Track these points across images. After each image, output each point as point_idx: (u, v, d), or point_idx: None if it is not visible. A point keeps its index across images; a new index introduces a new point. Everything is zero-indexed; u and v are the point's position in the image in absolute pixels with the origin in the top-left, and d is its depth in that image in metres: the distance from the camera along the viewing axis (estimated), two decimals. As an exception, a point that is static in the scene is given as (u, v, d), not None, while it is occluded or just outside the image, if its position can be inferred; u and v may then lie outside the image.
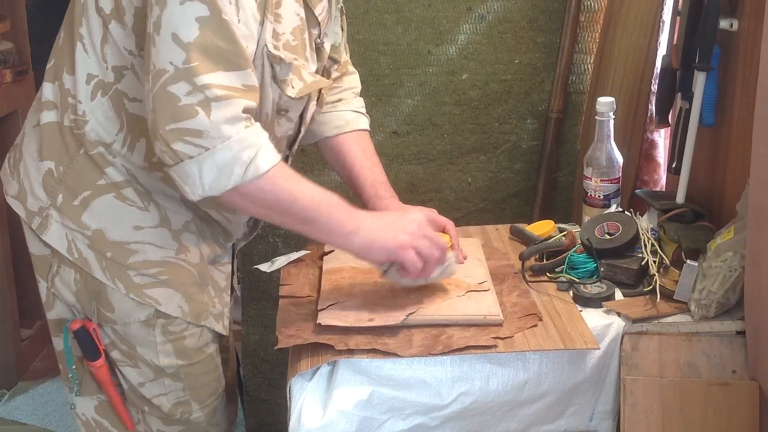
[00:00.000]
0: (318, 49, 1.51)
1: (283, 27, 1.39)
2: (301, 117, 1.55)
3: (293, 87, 1.43)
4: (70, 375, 1.51)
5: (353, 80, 1.75)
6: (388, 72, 2.08)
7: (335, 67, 1.63)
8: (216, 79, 1.26)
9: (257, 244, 2.17)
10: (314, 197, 1.37)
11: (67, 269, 1.45)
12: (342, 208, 1.41)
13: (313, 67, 1.50)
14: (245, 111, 1.29)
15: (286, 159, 1.60)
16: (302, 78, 1.44)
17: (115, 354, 1.48)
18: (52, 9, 1.48)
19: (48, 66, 1.46)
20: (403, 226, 1.44)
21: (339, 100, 1.70)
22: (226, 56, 1.27)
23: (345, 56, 1.70)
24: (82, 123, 1.41)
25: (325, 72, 1.58)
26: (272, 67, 1.39)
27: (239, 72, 1.28)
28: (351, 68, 1.75)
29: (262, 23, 1.34)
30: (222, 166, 1.27)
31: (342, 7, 1.64)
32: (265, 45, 1.36)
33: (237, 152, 1.28)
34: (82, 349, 1.47)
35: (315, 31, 1.49)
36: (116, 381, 1.52)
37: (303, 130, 1.57)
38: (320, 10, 1.49)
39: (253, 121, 1.31)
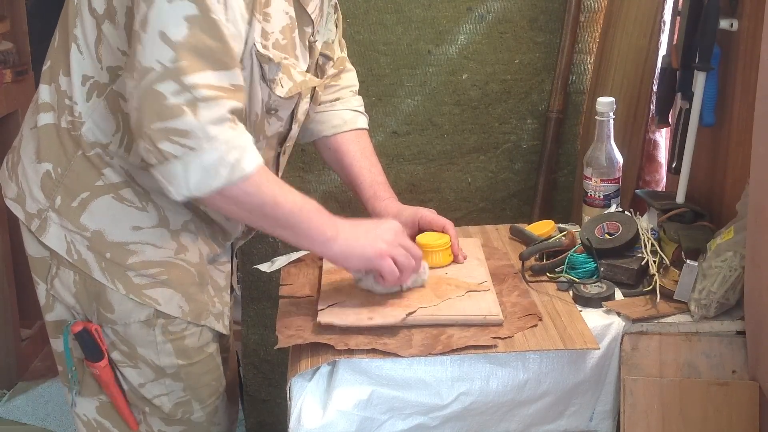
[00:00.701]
0: (310, 47, 1.51)
1: (272, 26, 1.38)
2: (293, 115, 1.55)
3: (282, 86, 1.43)
4: (70, 376, 1.51)
5: (351, 78, 1.75)
6: (388, 72, 2.08)
7: (329, 64, 1.63)
8: (204, 78, 1.25)
9: (257, 244, 2.17)
10: (296, 202, 1.38)
11: (66, 271, 1.45)
12: (322, 214, 1.41)
13: (304, 65, 1.50)
14: (231, 112, 1.29)
15: (277, 156, 1.60)
16: (291, 77, 1.44)
17: (115, 355, 1.48)
18: (52, 9, 1.48)
19: (44, 68, 1.46)
20: (380, 235, 1.45)
21: (337, 99, 1.70)
22: (215, 56, 1.26)
23: (340, 53, 1.70)
24: (79, 124, 1.41)
25: (318, 69, 1.58)
26: (261, 66, 1.39)
27: (227, 72, 1.28)
28: (349, 65, 1.75)
29: (250, 23, 1.34)
30: (208, 167, 1.27)
31: (335, 3, 1.63)
32: (254, 44, 1.36)
33: (223, 153, 1.27)
34: (84, 351, 1.47)
35: (308, 29, 1.49)
36: (117, 382, 1.52)
37: (295, 127, 1.57)
38: (312, 8, 1.48)
39: (237, 122, 1.30)
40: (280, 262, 1.70)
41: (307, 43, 1.50)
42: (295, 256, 1.72)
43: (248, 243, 1.70)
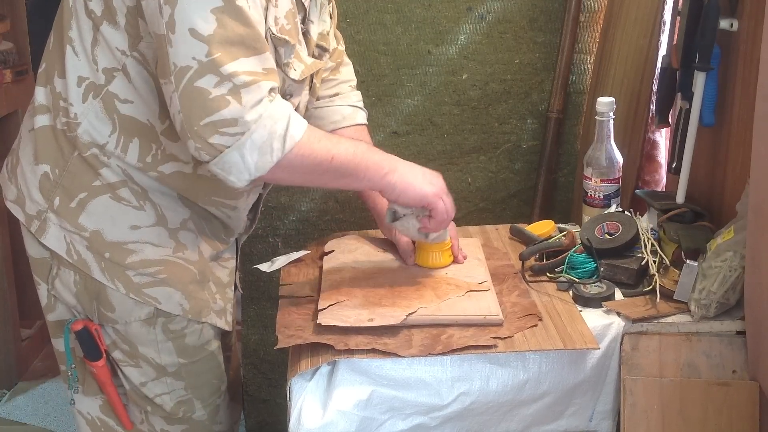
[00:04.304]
0: (305, 35, 1.51)
1: (280, 11, 1.39)
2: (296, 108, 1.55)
3: (295, 69, 1.45)
4: (70, 374, 1.51)
5: (349, 72, 1.75)
6: (388, 72, 2.08)
7: (326, 56, 1.63)
8: (240, 66, 1.26)
9: (257, 244, 2.17)
10: (349, 150, 1.41)
11: (66, 271, 1.45)
12: (374, 152, 1.46)
13: (304, 51, 1.51)
14: (270, 92, 1.31)
15: None
16: (302, 60, 1.46)
17: (116, 354, 1.48)
18: (52, 9, 1.48)
19: (39, 70, 1.47)
20: (433, 178, 1.50)
21: (336, 94, 1.70)
22: (246, 43, 1.28)
23: (336, 44, 1.70)
24: (75, 126, 1.41)
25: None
26: (276, 50, 1.40)
27: (259, 56, 1.29)
28: (346, 59, 1.75)
29: (266, 8, 1.35)
30: (262, 145, 1.29)
31: None
32: (269, 28, 1.36)
33: (271, 127, 1.30)
34: (83, 350, 1.47)
35: (300, 16, 1.49)
36: (118, 381, 1.52)
37: None
38: None
39: (274, 94, 1.32)
40: (280, 262, 1.70)
41: (300, 29, 1.51)
42: (295, 256, 1.72)
43: (248, 243, 1.70)
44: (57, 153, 1.43)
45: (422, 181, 1.48)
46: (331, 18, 1.64)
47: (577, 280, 1.57)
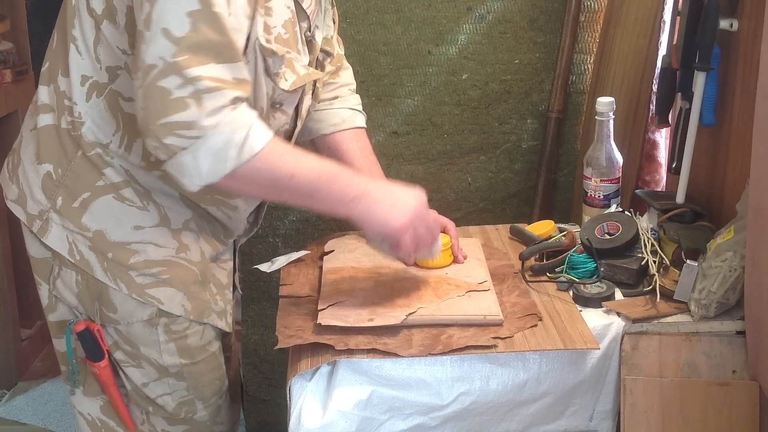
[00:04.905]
0: (309, 42, 1.51)
1: (274, 20, 1.38)
2: (297, 111, 1.55)
3: (286, 80, 1.43)
4: (70, 375, 1.51)
5: (348, 75, 1.75)
6: (388, 72, 2.08)
7: (329, 60, 1.63)
8: (206, 71, 1.24)
9: (257, 244, 2.17)
10: (312, 170, 1.35)
11: (68, 271, 1.45)
12: (343, 176, 1.39)
13: (306, 60, 1.50)
14: (234, 100, 1.28)
15: None
16: (295, 71, 1.44)
17: (118, 354, 1.48)
18: (52, 9, 1.48)
19: (42, 69, 1.46)
20: (405, 206, 1.41)
21: (335, 98, 1.70)
22: (217, 49, 1.26)
23: (338, 49, 1.70)
24: (79, 125, 1.41)
25: (318, 65, 1.58)
26: (265, 60, 1.38)
27: (230, 65, 1.27)
28: (346, 63, 1.75)
29: (252, 17, 1.33)
30: (216, 152, 1.26)
31: None
32: (257, 38, 1.35)
33: (229, 135, 1.26)
34: (85, 350, 1.47)
35: (304, 25, 1.49)
36: (120, 382, 1.52)
37: (299, 124, 1.57)
38: (308, 3, 1.48)
39: (238, 103, 1.28)
40: (280, 262, 1.70)
41: (304, 38, 1.50)
42: (295, 256, 1.72)
43: (248, 243, 1.70)
44: (60, 152, 1.43)
45: (389, 213, 1.39)
46: (334, 22, 1.64)
47: (577, 280, 1.57)
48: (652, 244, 1.61)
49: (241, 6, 1.30)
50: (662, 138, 1.91)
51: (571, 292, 1.55)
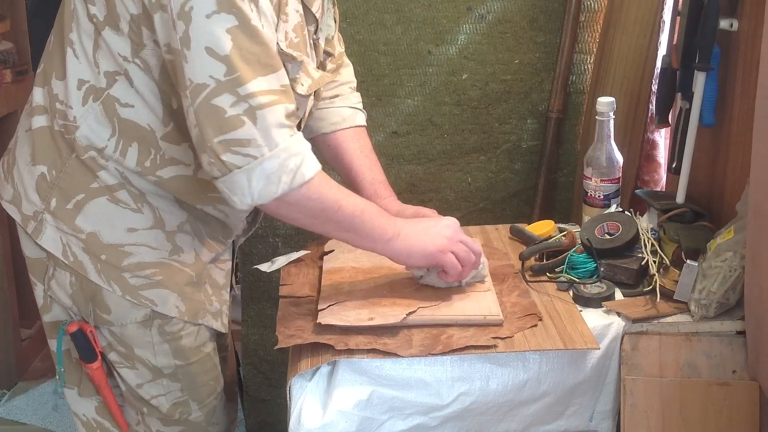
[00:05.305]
0: (315, 45, 1.51)
1: (289, 26, 1.39)
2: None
3: (303, 84, 1.45)
4: (58, 376, 1.52)
5: (349, 73, 1.75)
6: (388, 72, 2.08)
7: (330, 60, 1.63)
8: (257, 86, 1.27)
9: (257, 244, 2.17)
10: (357, 205, 1.41)
11: (62, 272, 1.45)
12: (382, 215, 1.45)
13: (314, 63, 1.51)
14: (288, 116, 1.31)
15: None
16: (309, 74, 1.46)
17: (112, 356, 1.48)
18: (52, 9, 1.48)
19: (38, 71, 1.46)
20: (440, 232, 1.48)
21: (336, 96, 1.70)
22: (262, 61, 1.28)
23: (339, 48, 1.70)
24: (73, 128, 1.41)
25: (320, 66, 1.58)
26: (284, 66, 1.40)
27: (275, 74, 1.30)
28: (346, 60, 1.75)
29: (276, 25, 1.36)
30: (270, 175, 1.30)
31: None
32: (278, 44, 1.37)
33: (284, 160, 1.30)
34: (78, 351, 1.47)
35: (312, 28, 1.49)
36: (114, 383, 1.52)
37: (302, 125, 1.57)
38: (317, 7, 1.49)
39: (296, 129, 1.33)
40: (280, 262, 1.70)
41: (311, 41, 1.50)
42: (295, 255, 1.72)
43: (248, 243, 1.70)
44: (54, 154, 1.43)
45: (425, 242, 1.46)
46: (335, 21, 1.65)
47: (577, 280, 1.57)
48: (652, 244, 1.61)
49: (269, 16, 1.33)
50: (662, 138, 1.91)
51: (571, 292, 1.55)
